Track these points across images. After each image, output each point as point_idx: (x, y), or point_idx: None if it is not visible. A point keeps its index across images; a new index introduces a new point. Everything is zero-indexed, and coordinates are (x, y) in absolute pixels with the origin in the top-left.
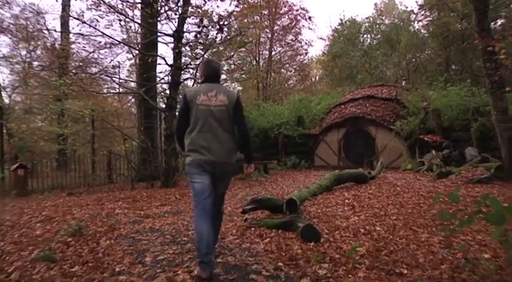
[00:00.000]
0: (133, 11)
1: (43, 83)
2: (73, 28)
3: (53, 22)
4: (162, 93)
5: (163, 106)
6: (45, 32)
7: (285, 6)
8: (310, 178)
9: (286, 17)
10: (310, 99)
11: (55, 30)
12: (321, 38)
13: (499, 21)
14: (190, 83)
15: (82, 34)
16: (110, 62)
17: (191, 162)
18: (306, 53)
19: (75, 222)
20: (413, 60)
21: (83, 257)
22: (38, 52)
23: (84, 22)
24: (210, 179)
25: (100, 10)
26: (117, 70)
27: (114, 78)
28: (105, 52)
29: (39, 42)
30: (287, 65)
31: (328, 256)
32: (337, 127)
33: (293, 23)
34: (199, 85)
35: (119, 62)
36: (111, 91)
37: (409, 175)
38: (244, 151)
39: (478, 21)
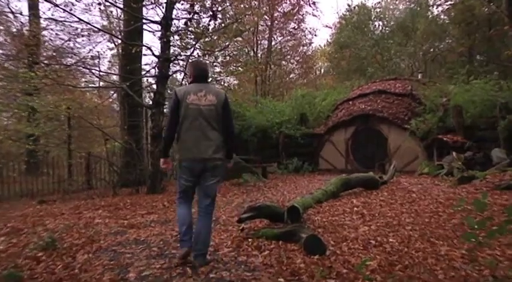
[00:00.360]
0: None
1: (9, 75)
2: (44, 12)
3: (19, 4)
4: (148, 88)
5: (150, 102)
6: (10, 15)
7: None
8: (314, 183)
9: (288, 2)
10: (315, 94)
11: (21, 13)
12: (327, 26)
13: None
14: (179, 76)
15: (55, 19)
16: (89, 52)
17: (183, 160)
18: (310, 43)
19: (47, 235)
20: (431, 50)
21: (56, 274)
22: (0, 38)
23: (57, 5)
24: (197, 177)
25: None
26: (96, 61)
27: (93, 71)
28: (83, 41)
29: (1, 27)
30: (288, 57)
31: (335, 271)
32: (344, 126)
33: (295, 9)
34: (187, 84)
35: (98, 52)
36: (90, 85)
37: (426, 180)
38: (228, 147)
39: (509, 3)
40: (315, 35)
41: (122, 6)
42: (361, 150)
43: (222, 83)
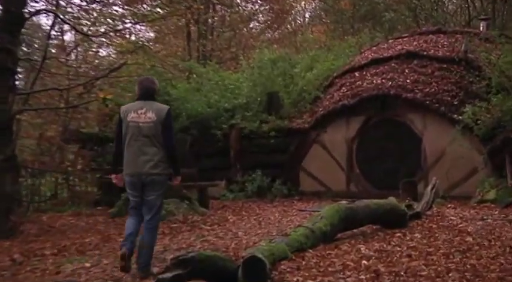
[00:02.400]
0: None
1: None
2: None
3: None
4: None
5: None
6: None
7: None
8: (291, 216)
9: None
10: (294, 59)
11: None
12: None
13: None
14: (45, 20)
15: None
16: None
17: (125, 175)
18: None
19: None
20: None
21: None
22: None
23: None
24: (141, 191)
25: None
26: None
27: None
28: None
29: None
30: None
31: None
32: (345, 115)
33: None
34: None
35: None
36: None
37: (492, 212)
38: (170, 163)
39: None
40: None
41: None
42: (375, 159)
43: (128, 35)
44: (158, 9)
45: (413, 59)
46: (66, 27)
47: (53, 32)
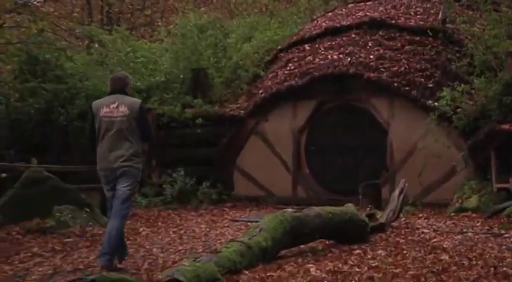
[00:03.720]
0: None
1: None
2: None
3: None
4: None
5: None
6: None
7: None
8: (222, 228)
9: None
10: (227, 26)
11: None
12: None
13: None
14: None
15: None
16: None
17: (98, 170)
18: None
19: None
20: None
21: None
22: None
23: None
24: (114, 185)
25: None
26: None
27: None
28: None
29: None
30: None
31: None
32: (292, 100)
33: None
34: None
35: None
36: None
37: (473, 223)
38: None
39: None
40: None
41: None
42: (329, 156)
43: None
44: None
45: (378, 29)
46: None
47: None
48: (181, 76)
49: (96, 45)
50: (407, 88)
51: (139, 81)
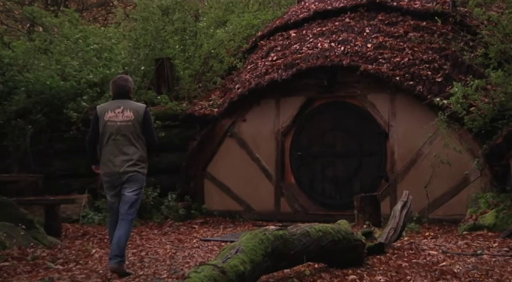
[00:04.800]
0: None
1: None
2: None
3: None
4: None
5: None
6: None
7: None
8: (190, 249)
9: None
10: (197, 8)
11: None
12: None
13: None
14: None
15: None
16: None
17: (102, 175)
18: None
19: None
20: None
21: None
22: None
23: None
24: (119, 190)
25: None
26: None
27: None
28: None
29: None
30: None
31: None
32: (274, 96)
33: None
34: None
35: None
36: None
37: (488, 243)
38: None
39: None
40: None
41: None
42: (318, 163)
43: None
44: None
45: (377, 13)
46: None
47: None
48: (142, 68)
49: (40, 30)
50: (411, 83)
51: (92, 73)
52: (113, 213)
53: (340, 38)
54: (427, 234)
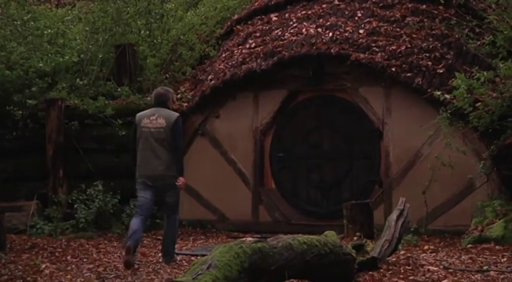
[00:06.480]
0: None
1: None
2: None
3: None
4: None
5: None
6: None
7: None
8: (156, 263)
9: None
10: None
11: None
12: None
13: None
14: None
15: None
16: None
17: (137, 177)
18: None
19: None
20: None
21: None
22: None
23: None
24: (153, 193)
25: None
26: None
27: None
28: None
29: None
30: None
31: None
32: (253, 89)
33: None
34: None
35: None
36: None
37: (496, 258)
38: (174, 164)
39: None
40: None
41: None
42: (302, 165)
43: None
44: None
45: None
46: None
47: None
48: (101, 55)
49: None
50: (409, 74)
51: (42, 61)
52: (142, 209)
53: (328, 23)
54: (426, 247)
